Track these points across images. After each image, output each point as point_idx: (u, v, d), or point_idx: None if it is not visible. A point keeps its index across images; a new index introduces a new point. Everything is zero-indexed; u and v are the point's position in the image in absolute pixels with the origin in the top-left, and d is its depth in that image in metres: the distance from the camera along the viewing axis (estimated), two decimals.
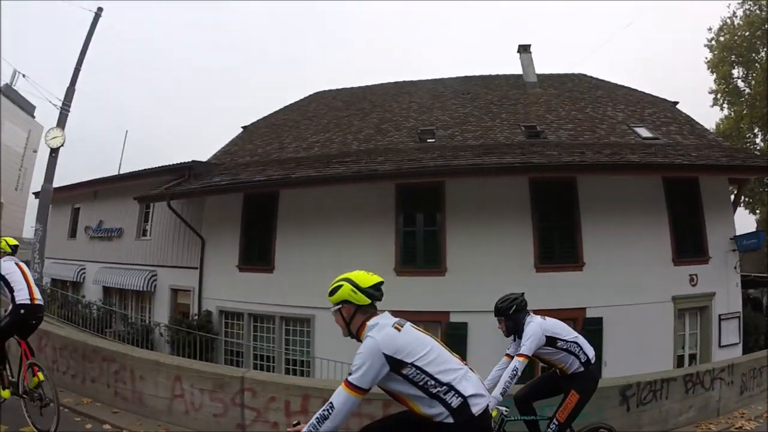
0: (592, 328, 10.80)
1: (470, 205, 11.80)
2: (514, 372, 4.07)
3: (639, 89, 17.31)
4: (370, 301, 2.87)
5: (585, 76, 18.83)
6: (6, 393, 5.31)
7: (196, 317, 13.66)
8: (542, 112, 15.35)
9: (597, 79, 18.32)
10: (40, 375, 5.08)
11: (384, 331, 2.70)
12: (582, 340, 4.42)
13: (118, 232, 17.42)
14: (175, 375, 5.72)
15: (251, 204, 13.37)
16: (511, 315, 4.46)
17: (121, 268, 16.69)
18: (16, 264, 5.52)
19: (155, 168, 15.70)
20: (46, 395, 5.04)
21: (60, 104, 14.85)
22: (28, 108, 54.64)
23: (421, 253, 12.11)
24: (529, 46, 18.13)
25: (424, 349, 2.68)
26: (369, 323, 2.81)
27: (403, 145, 13.87)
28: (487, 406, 2.74)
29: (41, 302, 5.50)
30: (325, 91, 20.57)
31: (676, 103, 16.41)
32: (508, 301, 4.51)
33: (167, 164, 15.22)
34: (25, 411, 5.22)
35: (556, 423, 4.22)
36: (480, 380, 2.82)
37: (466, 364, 2.82)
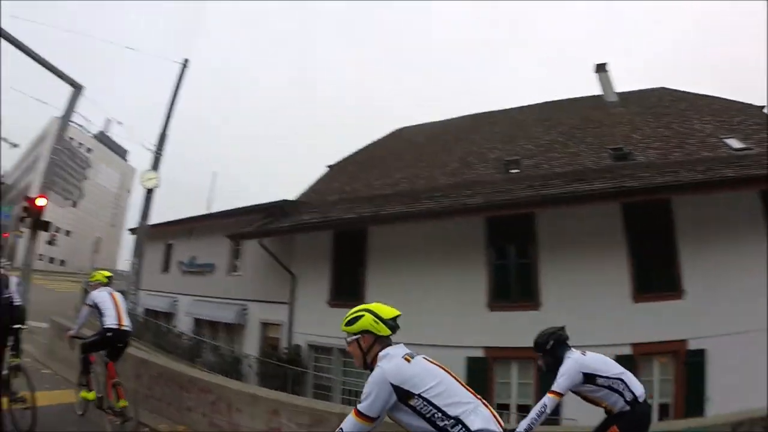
0: (694, 361, 10.18)
1: (562, 235, 11.46)
2: (542, 409, 3.91)
3: (721, 96, 16.26)
4: (389, 333, 2.93)
5: (665, 89, 17.88)
6: (92, 395, 6.19)
7: (286, 351, 13.93)
8: (627, 132, 14.69)
9: (679, 91, 17.26)
10: (122, 394, 5.86)
11: (393, 362, 2.74)
12: (629, 377, 4.14)
13: (210, 267, 18.15)
14: (272, 408, 5.77)
15: (341, 240, 13.62)
16: (549, 350, 4.33)
17: (213, 301, 17.35)
18: (110, 293, 6.40)
19: (246, 207, 16.36)
20: (128, 414, 5.77)
21: (154, 148, 15.68)
22: (121, 152, 60.04)
23: (514, 287, 11.83)
24: (605, 64, 17.53)
25: (433, 381, 2.68)
26: (380, 353, 2.85)
27: (489, 176, 13.71)
28: None
29: (128, 328, 6.27)
30: (406, 127, 20.93)
31: (763, 107, 15.35)
32: (545, 336, 4.39)
33: (258, 203, 15.76)
34: (106, 425, 5.90)
35: None
36: (492, 416, 2.69)
37: (479, 399, 2.75)
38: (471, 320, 11.64)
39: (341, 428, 2.72)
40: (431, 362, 2.82)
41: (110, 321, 6.12)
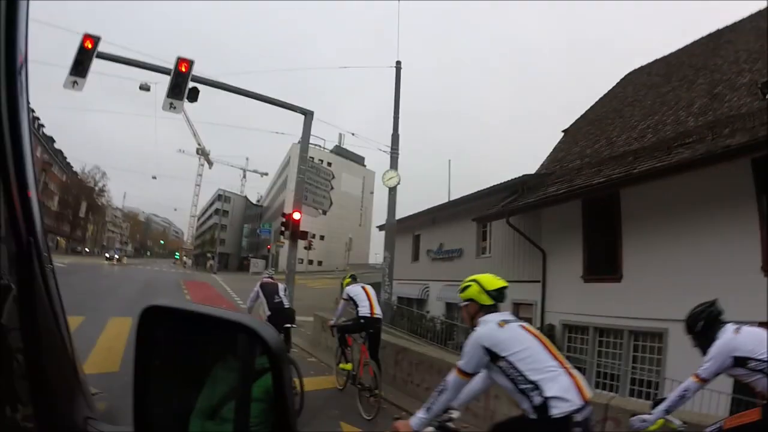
0: None
1: None
2: (683, 393, 3.66)
3: None
4: (492, 302, 3.29)
5: None
6: (349, 365, 7.69)
7: (539, 331, 13.43)
8: None
9: None
10: (372, 372, 6.96)
11: (487, 327, 3.11)
12: None
13: (458, 252, 18.61)
14: None
15: (590, 209, 12.59)
16: (700, 332, 3.84)
17: None
18: (362, 287, 7.71)
19: (488, 188, 16.40)
20: (374, 390, 6.88)
21: (389, 150, 16.34)
22: (358, 160, 66.56)
23: None
24: None
25: (519, 347, 2.95)
26: (481, 319, 3.22)
27: (746, 107, 11.62)
28: (575, 412, 2.74)
29: (379, 316, 7.53)
30: (636, 69, 18.95)
31: None
32: (694, 316, 3.90)
33: (499, 183, 15.67)
34: (357, 398, 7.14)
35: None
36: (575, 385, 2.84)
37: (565, 367, 2.93)
38: (742, 288, 8.99)
39: (445, 380, 3.09)
40: (526, 329, 3.13)
41: (364, 311, 7.39)
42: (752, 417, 3.54)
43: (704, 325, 3.83)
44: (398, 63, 16.79)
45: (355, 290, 7.75)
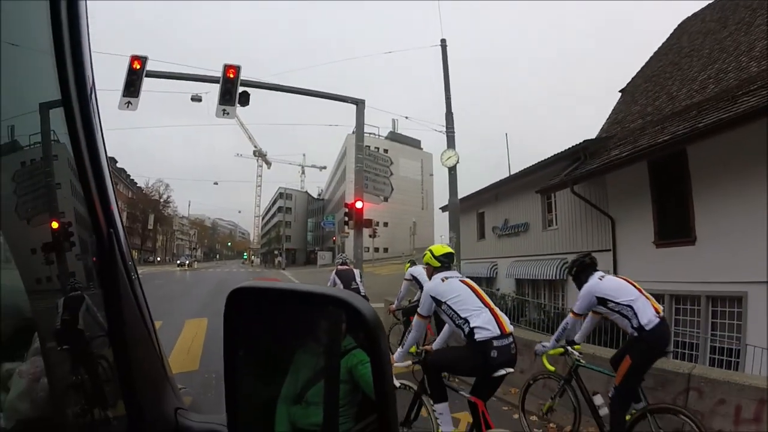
0: None
1: None
2: (565, 326, 4.87)
3: None
4: (439, 264, 4.54)
5: None
6: (413, 348, 7.61)
7: None
8: None
9: None
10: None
11: (434, 282, 4.42)
12: (640, 305, 4.36)
13: (523, 226, 18.48)
14: None
15: (657, 170, 12.11)
16: (575, 276, 4.93)
17: (532, 260, 17.59)
18: (424, 267, 7.60)
19: (548, 159, 16.09)
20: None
21: (444, 129, 16.28)
22: (414, 143, 66.62)
23: None
24: None
25: (454, 294, 4.19)
26: (432, 276, 4.56)
27: None
28: (494, 338, 3.90)
29: None
30: (689, 17, 18.06)
31: None
32: (571, 264, 5.09)
33: (559, 151, 15.44)
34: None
35: (614, 386, 4.47)
36: (496, 320, 4.03)
37: (489, 307, 4.12)
38: None
39: (412, 324, 4.56)
40: (464, 282, 4.33)
41: None
42: (626, 365, 4.39)
43: (577, 271, 4.89)
44: (443, 41, 16.67)
45: (418, 270, 7.95)
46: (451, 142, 16.30)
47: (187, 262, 67.03)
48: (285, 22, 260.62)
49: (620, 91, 18.39)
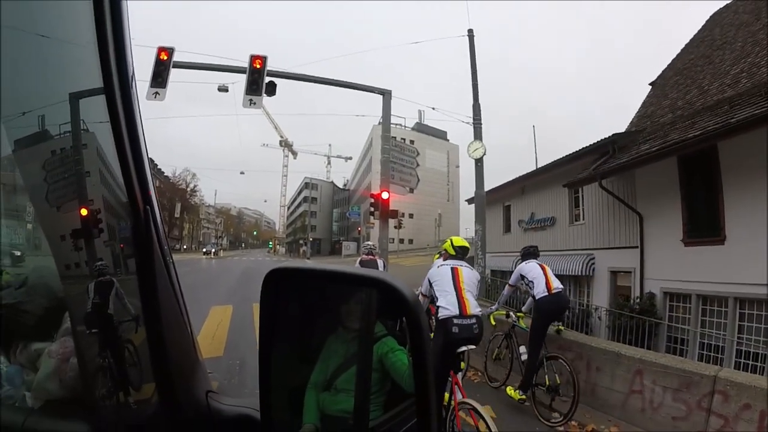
0: None
1: None
2: (504, 294, 7.39)
3: None
4: (454, 254, 5.24)
5: None
6: None
7: (638, 300, 12.96)
8: None
9: None
10: None
11: (433, 269, 5.12)
12: (539, 281, 6.36)
13: (550, 221, 18.40)
14: (636, 368, 5.49)
15: (687, 166, 11.89)
16: (522, 258, 7.05)
17: (557, 255, 17.41)
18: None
19: (576, 152, 15.93)
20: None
21: (471, 121, 16.22)
22: (440, 134, 66.45)
23: None
24: None
25: (438, 278, 4.92)
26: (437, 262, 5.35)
27: None
28: (453, 317, 4.61)
29: None
30: (721, 8, 17.69)
31: None
32: (521, 251, 7.25)
33: (588, 145, 15.27)
34: None
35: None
36: (461, 303, 4.71)
37: (460, 292, 4.78)
38: None
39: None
40: (453, 269, 4.96)
41: None
42: (530, 325, 6.56)
43: (523, 254, 7.08)
44: (470, 31, 16.57)
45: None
46: (478, 134, 16.22)
47: (213, 250, 67.84)
48: (311, 12, 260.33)
49: (650, 84, 18.11)
